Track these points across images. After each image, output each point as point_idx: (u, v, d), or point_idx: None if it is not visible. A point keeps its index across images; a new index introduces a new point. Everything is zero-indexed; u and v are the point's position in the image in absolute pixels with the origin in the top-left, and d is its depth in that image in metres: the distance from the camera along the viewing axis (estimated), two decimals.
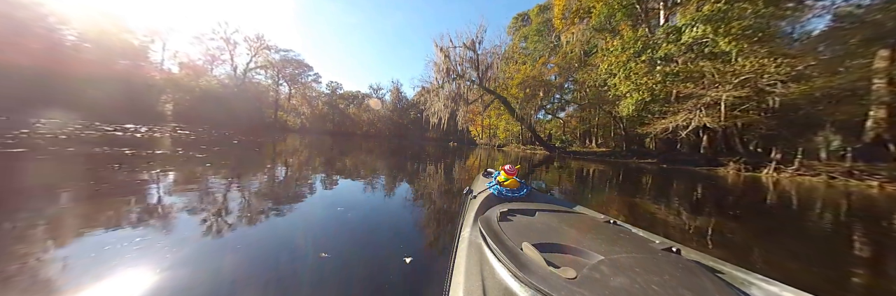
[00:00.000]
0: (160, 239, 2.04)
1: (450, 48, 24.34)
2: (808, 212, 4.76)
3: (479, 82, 24.42)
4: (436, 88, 25.54)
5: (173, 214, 2.65)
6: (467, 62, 24.21)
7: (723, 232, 3.11)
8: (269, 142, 14.48)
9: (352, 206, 3.33)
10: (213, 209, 2.86)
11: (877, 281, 2.14)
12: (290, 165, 7.16)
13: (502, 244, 1.09)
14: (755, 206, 5.17)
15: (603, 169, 12.47)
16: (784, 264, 2.30)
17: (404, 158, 11.10)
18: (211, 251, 1.92)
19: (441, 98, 24.83)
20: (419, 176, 6.74)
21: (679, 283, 0.81)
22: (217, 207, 2.94)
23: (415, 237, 2.38)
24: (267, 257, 1.84)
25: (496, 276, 0.95)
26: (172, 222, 2.45)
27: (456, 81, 24.24)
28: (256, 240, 2.14)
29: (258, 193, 3.75)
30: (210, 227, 2.38)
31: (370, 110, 61.75)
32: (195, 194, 3.36)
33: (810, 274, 2.15)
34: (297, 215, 2.86)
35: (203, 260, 1.76)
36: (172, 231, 2.23)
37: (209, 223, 2.47)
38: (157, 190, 3.54)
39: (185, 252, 1.83)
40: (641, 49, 13.73)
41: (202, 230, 2.29)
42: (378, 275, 1.61)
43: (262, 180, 4.78)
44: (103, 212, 2.58)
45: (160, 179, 4.15)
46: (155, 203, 2.99)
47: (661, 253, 1.09)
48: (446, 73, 24.00)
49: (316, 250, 1.92)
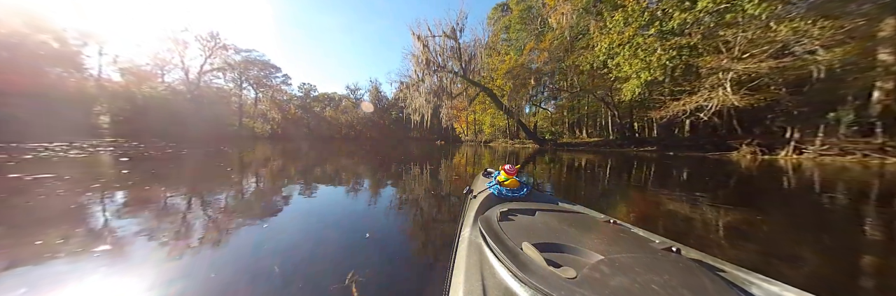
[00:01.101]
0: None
1: (429, 38, 21.86)
2: (863, 205, 3.68)
3: (463, 74, 22.13)
4: (416, 83, 22.98)
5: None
6: (449, 52, 21.82)
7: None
8: (228, 152, 11.63)
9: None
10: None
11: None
12: (230, 184, 4.65)
13: (502, 244, 1.08)
14: (787, 195, 4.40)
15: (599, 160, 10.73)
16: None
17: (380, 161, 9.68)
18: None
19: (422, 93, 22.30)
20: (401, 179, 5.74)
21: (679, 282, 0.79)
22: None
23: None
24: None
25: (496, 276, 0.94)
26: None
27: (437, 73, 21.80)
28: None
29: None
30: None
31: (348, 112, 58.13)
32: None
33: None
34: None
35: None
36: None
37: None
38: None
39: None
40: (649, 21, 11.86)
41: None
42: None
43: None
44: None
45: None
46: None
47: (661, 253, 1.06)
48: (426, 65, 21.50)
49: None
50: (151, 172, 5.52)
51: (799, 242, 2.32)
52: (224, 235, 2.25)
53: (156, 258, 1.81)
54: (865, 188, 4.85)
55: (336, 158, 10.41)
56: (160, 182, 4.47)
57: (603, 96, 19.29)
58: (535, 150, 18.90)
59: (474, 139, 40.63)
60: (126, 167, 6.04)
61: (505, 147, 25.12)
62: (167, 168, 6.33)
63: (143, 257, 1.83)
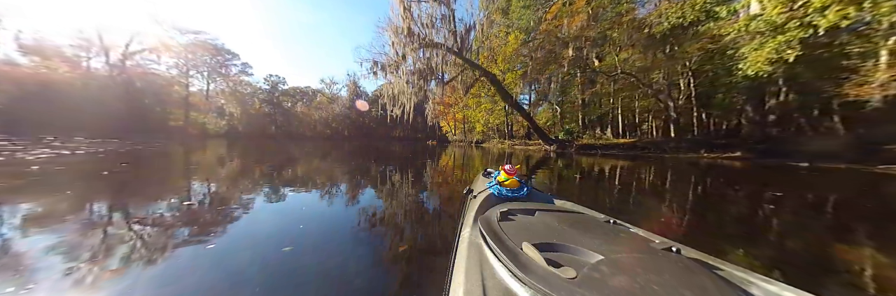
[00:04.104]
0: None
1: (412, 2, 15.60)
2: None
3: (458, 51, 16.02)
4: (395, 63, 16.61)
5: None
6: (439, 22, 15.60)
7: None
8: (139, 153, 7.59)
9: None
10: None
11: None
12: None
13: (502, 244, 1.03)
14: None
15: (664, 176, 5.68)
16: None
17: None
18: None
19: (403, 75, 15.97)
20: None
21: (679, 282, 0.77)
22: None
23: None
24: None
25: (496, 276, 0.90)
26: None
27: (424, 49, 15.55)
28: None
29: None
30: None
31: (323, 108, 50.43)
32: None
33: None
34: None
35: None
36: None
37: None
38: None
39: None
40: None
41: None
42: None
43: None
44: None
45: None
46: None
47: (661, 252, 1.01)
48: (409, 36, 15.21)
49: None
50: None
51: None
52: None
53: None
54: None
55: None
56: None
57: (664, 77, 13.16)
58: (545, 153, 13.24)
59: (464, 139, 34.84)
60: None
61: (501, 148, 19.65)
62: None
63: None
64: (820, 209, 3.25)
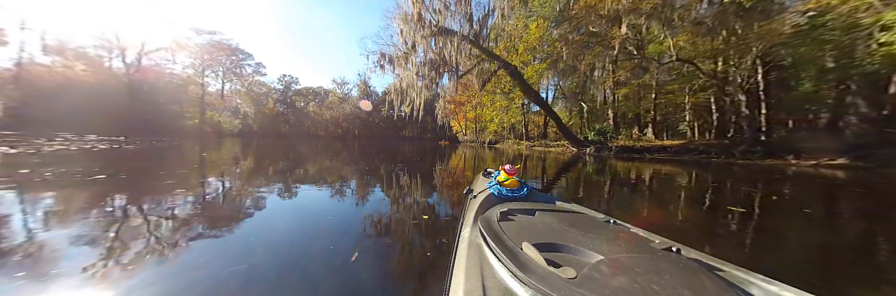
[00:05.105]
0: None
1: None
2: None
3: (474, 40, 14.14)
4: (404, 54, 14.90)
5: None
6: (454, 5, 13.76)
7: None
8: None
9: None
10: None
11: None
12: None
13: (502, 244, 1.02)
14: None
15: (791, 198, 3.57)
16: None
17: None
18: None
19: (413, 67, 14.22)
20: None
21: (679, 282, 0.75)
22: None
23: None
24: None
25: (496, 276, 0.89)
26: None
27: (436, 37, 13.76)
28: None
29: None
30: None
31: (334, 108, 49.66)
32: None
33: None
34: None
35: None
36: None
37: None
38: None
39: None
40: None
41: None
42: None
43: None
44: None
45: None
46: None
47: (661, 253, 1.00)
48: (418, 23, 13.47)
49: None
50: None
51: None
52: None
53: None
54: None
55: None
56: None
57: (735, 65, 10.30)
58: (577, 157, 11.11)
59: (475, 140, 32.86)
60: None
61: (517, 150, 17.68)
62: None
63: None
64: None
